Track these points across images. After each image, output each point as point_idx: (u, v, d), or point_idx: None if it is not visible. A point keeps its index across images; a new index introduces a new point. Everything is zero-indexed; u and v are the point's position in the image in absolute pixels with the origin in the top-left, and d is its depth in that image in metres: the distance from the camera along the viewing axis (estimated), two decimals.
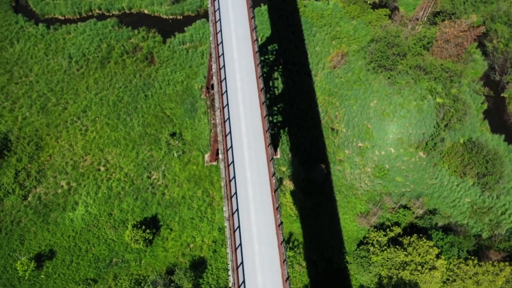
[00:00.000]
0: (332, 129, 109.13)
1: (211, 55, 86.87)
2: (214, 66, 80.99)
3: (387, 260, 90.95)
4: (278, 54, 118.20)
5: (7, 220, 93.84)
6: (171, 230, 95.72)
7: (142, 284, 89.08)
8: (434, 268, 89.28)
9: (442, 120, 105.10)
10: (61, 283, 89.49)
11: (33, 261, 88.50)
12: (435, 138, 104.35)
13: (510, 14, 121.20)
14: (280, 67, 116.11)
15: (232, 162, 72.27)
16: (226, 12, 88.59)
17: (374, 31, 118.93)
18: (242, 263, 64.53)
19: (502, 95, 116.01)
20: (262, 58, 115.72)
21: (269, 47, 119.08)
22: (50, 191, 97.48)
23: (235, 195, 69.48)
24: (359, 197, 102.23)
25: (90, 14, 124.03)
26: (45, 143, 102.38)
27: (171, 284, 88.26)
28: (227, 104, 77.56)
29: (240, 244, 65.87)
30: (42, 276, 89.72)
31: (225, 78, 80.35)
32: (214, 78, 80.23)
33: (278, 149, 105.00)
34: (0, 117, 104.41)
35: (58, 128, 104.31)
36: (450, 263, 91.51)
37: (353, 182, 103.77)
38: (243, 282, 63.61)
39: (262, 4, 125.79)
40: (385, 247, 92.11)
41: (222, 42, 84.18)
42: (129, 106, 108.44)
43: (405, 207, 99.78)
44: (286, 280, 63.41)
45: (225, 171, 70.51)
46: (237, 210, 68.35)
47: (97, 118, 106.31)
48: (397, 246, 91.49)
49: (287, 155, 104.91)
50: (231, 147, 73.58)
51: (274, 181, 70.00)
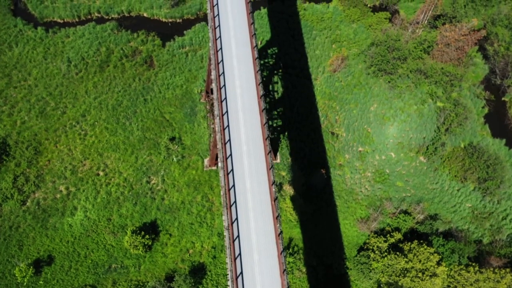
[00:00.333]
0: (332, 133, 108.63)
1: (210, 60, 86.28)
2: (213, 73, 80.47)
3: (388, 267, 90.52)
4: (278, 57, 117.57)
5: (6, 226, 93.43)
6: (171, 235, 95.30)
7: None
8: (435, 275, 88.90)
9: (443, 125, 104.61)
10: None
11: (31, 267, 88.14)
12: (436, 142, 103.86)
13: (511, 17, 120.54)
14: (280, 70, 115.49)
15: (232, 170, 71.82)
16: (226, 18, 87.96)
17: (375, 34, 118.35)
18: (241, 273, 64.14)
19: (503, 99, 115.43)
20: (262, 62, 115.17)
21: (269, 51, 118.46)
22: (49, 196, 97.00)
23: (234, 204, 69.06)
24: (359, 202, 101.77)
25: (89, 17, 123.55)
26: (44, 147, 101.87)
27: None
28: (227, 111, 77.09)
29: (240, 254, 65.46)
30: (41, 282, 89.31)
31: (224, 85, 79.86)
32: (214, 84, 79.72)
33: (278, 153, 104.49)
34: None
35: (57, 133, 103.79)
36: (451, 269, 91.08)
37: (353, 187, 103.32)
38: None
39: (261, 7, 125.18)
40: (385, 253, 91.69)
41: (221, 48, 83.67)
42: (128, 110, 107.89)
43: (405, 212, 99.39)
44: None
45: (224, 180, 70.06)
46: (236, 219, 67.92)
47: (96, 123, 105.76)
48: (397, 253, 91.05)
49: (287, 159, 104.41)
50: (231, 155, 73.12)
51: (274, 190, 69.56)
